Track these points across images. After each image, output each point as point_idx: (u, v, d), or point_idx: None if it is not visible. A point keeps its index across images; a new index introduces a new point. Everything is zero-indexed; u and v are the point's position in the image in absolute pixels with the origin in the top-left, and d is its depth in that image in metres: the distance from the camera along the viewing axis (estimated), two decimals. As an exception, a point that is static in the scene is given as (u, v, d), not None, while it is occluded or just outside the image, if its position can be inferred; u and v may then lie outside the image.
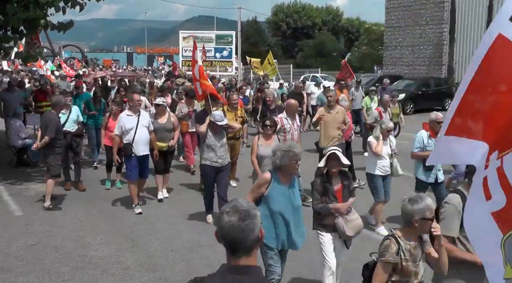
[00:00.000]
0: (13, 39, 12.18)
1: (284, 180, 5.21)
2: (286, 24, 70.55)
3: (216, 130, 8.30)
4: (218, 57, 33.92)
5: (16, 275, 6.47)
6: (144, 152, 9.15)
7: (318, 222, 5.75)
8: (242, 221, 2.36)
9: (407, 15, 38.58)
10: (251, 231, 2.37)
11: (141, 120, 9.10)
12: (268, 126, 8.13)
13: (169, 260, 7.02)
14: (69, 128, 10.45)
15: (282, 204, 5.16)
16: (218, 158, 8.28)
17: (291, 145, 5.22)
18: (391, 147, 8.46)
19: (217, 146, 8.28)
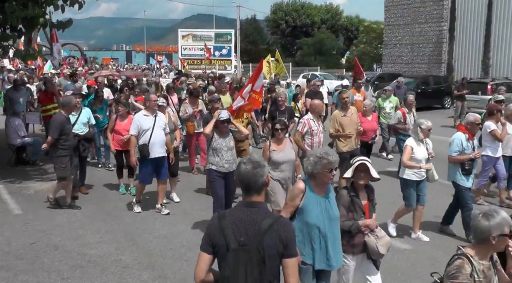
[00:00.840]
0: (11, 37, 12.16)
1: (318, 189, 4.66)
2: (285, 22, 70.52)
3: (222, 132, 7.76)
4: (217, 56, 33.93)
5: (16, 274, 6.47)
6: (161, 153, 8.80)
7: (347, 242, 5.04)
8: (255, 169, 3.37)
9: (407, 13, 38.56)
10: (261, 177, 3.39)
11: (157, 121, 8.82)
12: (279, 129, 7.46)
13: (168, 258, 7.02)
14: (78, 130, 9.89)
15: (318, 216, 4.60)
16: (225, 162, 7.69)
17: (327, 151, 4.61)
18: (428, 149, 7.82)
19: (223, 150, 7.70)
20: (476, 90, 22.12)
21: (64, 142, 8.85)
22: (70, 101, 9.28)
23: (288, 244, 3.29)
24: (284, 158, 7.29)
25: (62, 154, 8.87)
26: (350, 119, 9.53)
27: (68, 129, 9.01)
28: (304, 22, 70.59)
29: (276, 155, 7.31)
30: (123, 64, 65.19)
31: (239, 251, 3.24)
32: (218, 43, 34.26)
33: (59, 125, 8.81)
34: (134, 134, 8.73)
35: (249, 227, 3.28)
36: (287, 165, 7.34)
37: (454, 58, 33.90)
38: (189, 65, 33.95)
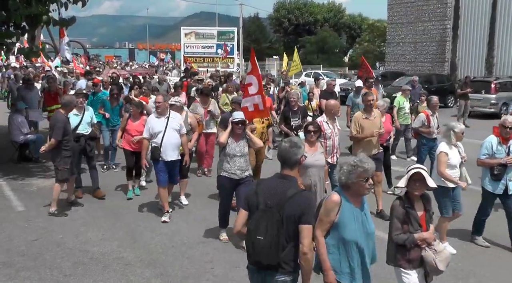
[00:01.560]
0: (15, 35, 12.18)
1: (354, 201, 4.23)
2: (288, 20, 70.44)
3: (237, 135, 7.28)
4: (219, 53, 33.85)
5: (18, 270, 6.48)
6: (173, 157, 8.46)
7: (401, 257, 4.72)
8: (291, 147, 4.19)
9: (410, 11, 38.50)
10: (294, 155, 4.19)
11: (170, 123, 8.44)
12: (311, 132, 7.10)
13: (170, 256, 7.03)
14: (83, 130, 9.62)
15: (356, 230, 4.19)
16: (237, 169, 7.24)
17: (362, 159, 4.18)
18: (460, 153, 7.35)
19: (237, 156, 7.23)
20: (479, 89, 22.08)
21: (67, 143, 8.66)
22: (72, 101, 9.03)
23: (304, 213, 3.97)
24: (313, 162, 6.94)
25: (66, 155, 8.65)
26: (372, 122, 8.91)
27: (69, 130, 8.83)
28: (306, 20, 70.50)
29: (308, 159, 6.49)
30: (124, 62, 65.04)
31: (265, 211, 4.03)
32: (221, 41, 34.17)
33: (62, 126, 8.56)
34: (146, 137, 8.50)
35: (277, 194, 4.06)
36: (316, 170, 7.04)
37: (457, 56, 33.83)
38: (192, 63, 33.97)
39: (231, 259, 6.93)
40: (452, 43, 33.94)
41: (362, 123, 8.89)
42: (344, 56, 72.11)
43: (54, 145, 8.55)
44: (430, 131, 10.49)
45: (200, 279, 6.33)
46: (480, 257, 7.26)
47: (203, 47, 34.18)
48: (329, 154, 8.16)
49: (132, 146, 9.67)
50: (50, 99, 13.38)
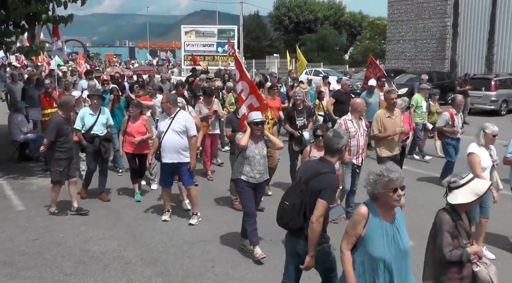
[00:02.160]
0: (14, 33, 12.17)
1: (384, 214, 3.92)
2: (288, 18, 70.41)
3: (256, 137, 6.87)
4: (220, 52, 33.84)
5: (19, 270, 6.49)
6: (172, 159, 8.03)
7: (453, 275, 4.25)
8: (334, 137, 4.76)
9: (410, 9, 38.42)
10: (336, 144, 4.74)
11: (173, 124, 8.03)
12: (320, 136, 6.92)
13: (171, 255, 7.03)
14: (98, 131, 9.38)
15: (385, 247, 3.88)
16: (257, 172, 6.85)
17: (388, 167, 3.86)
18: (492, 156, 6.91)
19: (256, 158, 6.82)
20: (479, 86, 22.06)
21: (62, 144, 8.44)
22: (69, 101, 8.85)
23: (323, 189, 4.53)
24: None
25: (60, 157, 8.45)
26: (394, 121, 8.78)
27: (66, 131, 8.55)
28: (307, 18, 70.46)
29: None
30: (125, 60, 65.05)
31: (297, 183, 4.80)
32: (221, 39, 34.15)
33: (55, 126, 8.38)
34: (157, 136, 8.38)
35: (309, 171, 4.74)
36: None
37: (457, 54, 33.80)
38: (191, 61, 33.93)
39: (232, 258, 6.93)
40: (452, 41, 33.90)
41: (385, 122, 8.73)
42: (344, 54, 72.06)
43: (47, 146, 8.48)
44: (454, 131, 10.31)
45: (201, 277, 6.33)
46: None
47: (203, 45, 34.16)
48: (354, 155, 8.00)
49: (134, 149, 9.47)
50: (46, 102, 12.72)
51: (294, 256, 4.94)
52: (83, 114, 9.43)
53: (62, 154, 8.45)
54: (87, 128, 9.32)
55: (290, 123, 9.99)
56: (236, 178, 6.94)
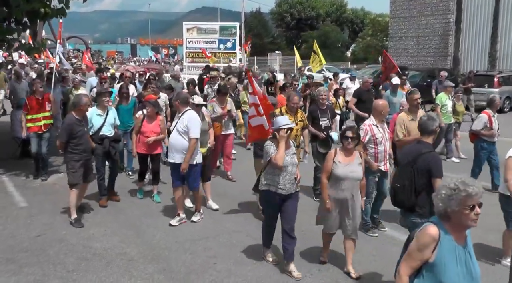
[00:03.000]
0: (16, 31, 12.17)
1: (456, 235, 3.40)
2: (290, 15, 70.27)
3: (286, 146, 6.29)
4: (222, 49, 33.76)
5: (21, 266, 6.49)
6: (176, 160, 7.89)
7: None
8: (428, 120, 5.72)
9: (412, 5, 38.38)
10: (431, 126, 5.69)
11: (178, 123, 7.90)
12: (349, 138, 6.28)
13: (173, 251, 7.02)
14: (107, 132, 9.04)
15: (459, 274, 3.36)
16: (287, 182, 6.23)
17: (464, 181, 3.32)
18: None
19: (287, 168, 6.22)
20: (482, 83, 22.02)
21: (75, 146, 8.07)
22: (80, 100, 8.24)
23: (431, 168, 5.36)
24: (347, 174, 6.20)
25: (74, 158, 8.10)
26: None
27: (79, 132, 8.11)
28: (309, 15, 70.32)
29: (340, 169, 6.21)
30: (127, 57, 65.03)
31: (403, 166, 5.60)
32: (223, 36, 34.07)
33: (68, 127, 8.05)
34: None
35: (413, 154, 5.54)
36: (350, 183, 6.22)
37: (460, 50, 33.72)
38: (193, 58, 33.88)
39: (235, 254, 6.93)
40: (455, 37, 33.81)
41: (409, 125, 8.07)
42: (346, 51, 71.95)
43: (59, 147, 8.26)
44: (492, 133, 9.65)
45: (203, 274, 6.33)
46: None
47: (205, 42, 34.07)
48: (381, 161, 7.60)
49: (147, 149, 9.17)
50: (37, 106, 10.69)
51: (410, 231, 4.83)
52: (90, 115, 8.92)
53: (75, 155, 8.10)
54: (95, 129, 8.93)
55: (313, 124, 9.47)
56: (263, 189, 6.35)
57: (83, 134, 8.20)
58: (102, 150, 8.95)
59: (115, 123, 9.32)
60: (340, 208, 6.28)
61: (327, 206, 6.24)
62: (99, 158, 9.03)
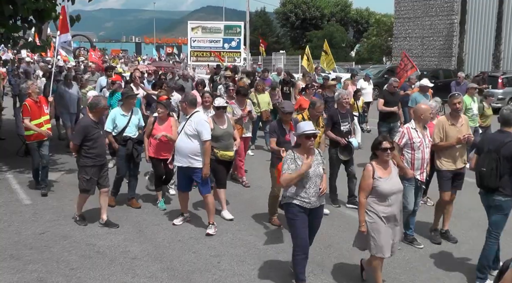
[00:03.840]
0: (22, 29, 12.21)
1: None
2: (294, 15, 70.23)
3: (310, 154, 5.77)
4: (226, 48, 33.76)
5: (25, 263, 6.52)
6: (182, 163, 7.61)
7: None
8: (511, 112, 6.08)
9: (417, 6, 38.36)
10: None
11: (186, 126, 7.59)
12: (387, 149, 5.67)
13: (177, 250, 7.04)
14: (130, 133, 8.72)
15: None
16: (312, 195, 5.69)
17: None
18: None
19: (312, 179, 5.69)
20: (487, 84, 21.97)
21: (88, 149, 7.66)
22: (99, 103, 7.88)
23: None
24: (393, 188, 5.68)
25: (87, 163, 7.71)
26: (459, 130, 7.41)
27: (94, 135, 7.70)
28: (313, 14, 70.26)
29: (384, 184, 5.64)
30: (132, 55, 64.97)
31: (487, 152, 6.04)
32: (228, 35, 34.06)
33: (82, 130, 7.66)
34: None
35: (497, 142, 5.99)
36: (396, 197, 5.71)
37: (464, 51, 33.71)
38: (198, 57, 33.90)
39: (238, 253, 6.95)
40: (459, 38, 33.81)
41: (448, 130, 7.45)
42: (351, 51, 71.87)
43: (73, 149, 7.85)
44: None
45: (206, 273, 6.35)
46: None
47: (210, 41, 34.07)
48: (417, 170, 7.13)
49: (161, 154, 8.65)
50: (36, 109, 9.51)
51: (490, 209, 6.11)
52: (114, 115, 8.71)
53: (88, 160, 7.71)
54: (119, 130, 8.65)
55: (333, 129, 8.92)
56: (288, 202, 5.77)
57: (98, 137, 7.81)
58: (125, 152, 8.69)
59: (139, 124, 8.97)
60: (390, 225, 5.70)
61: (363, 230, 5.65)
62: (122, 159, 8.79)
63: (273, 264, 6.64)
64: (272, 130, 7.82)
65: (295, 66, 40.61)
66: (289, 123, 7.73)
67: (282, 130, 7.74)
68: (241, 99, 10.25)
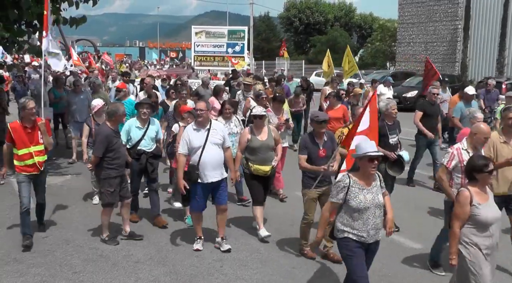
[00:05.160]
0: (26, 33, 12.28)
1: None
2: (298, 19, 70.30)
3: (369, 179, 4.98)
4: (230, 53, 33.87)
5: (28, 267, 6.54)
6: (215, 177, 6.92)
7: None
8: None
9: (421, 11, 38.37)
10: None
11: (211, 136, 6.91)
12: (489, 171, 4.91)
13: (180, 254, 7.05)
14: (145, 147, 8.14)
15: None
16: (371, 228, 4.90)
17: None
18: None
19: (370, 210, 4.88)
20: (490, 90, 21.94)
21: (111, 160, 7.22)
22: (117, 110, 7.36)
23: None
24: (496, 215, 4.94)
25: (110, 175, 7.24)
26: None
27: (116, 145, 7.27)
28: (317, 19, 70.34)
29: (486, 212, 4.86)
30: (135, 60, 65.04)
31: None
32: (231, 40, 34.19)
33: (104, 140, 7.15)
34: (183, 153, 6.93)
35: None
36: (497, 225, 4.94)
37: (468, 57, 33.69)
38: (201, 61, 34.01)
39: (240, 258, 6.95)
40: (463, 44, 33.81)
41: (500, 149, 6.59)
42: (354, 56, 71.88)
43: (95, 162, 7.32)
44: None
45: (209, 277, 6.35)
46: None
47: (213, 46, 34.19)
48: None
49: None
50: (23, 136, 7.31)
51: None
52: (129, 127, 8.11)
53: (112, 171, 7.25)
54: (133, 143, 8.06)
55: (380, 142, 7.38)
56: (343, 236, 4.99)
57: (119, 147, 7.39)
58: (139, 166, 8.14)
59: (157, 137, 8.36)
60: (490, 260, 4.91)
61: (453, 263, 4.92)
62: (134, 173, 8.25)
63: (276, 268, 6.63)
64: (303, 146, 6.84)
65: (298, 71, 40.67)
66: (322, 136, 6.83)
67: (314, 144, 6.80)
68: (277, 106, 9.56)
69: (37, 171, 7.47)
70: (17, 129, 7.24)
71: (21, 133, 7.23)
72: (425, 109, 10.59)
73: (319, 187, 6.69)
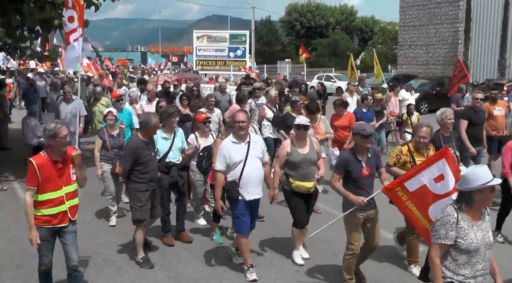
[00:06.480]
0: (29, 39, 12.32)
1: None
2: (300, 23, 70.48)
3: (478, 213, 4.06)
4: (231, 57, 33.91)
5: (32, 272, 6.52)
6: (257, 194, 6.31)
7: None
8: None
9: (422, 14, 38.45)
10: None
11: (252, 149, 6.31)
12: None
13: (183, 258, 7.06)
14: (174, 159, 7.51)
15: None
16: (479, 274, 4.01)
17: None
18: None
19: (480, 251, 3.97)
20: (492, 92, 21.96)
21: (140, 174, 6.71)
22: (149, 121, 6.78)
23: None
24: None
25: (140, 189, 6.73)
26: None
27: (146, 157, 6.72)
28: (318, 23, 70.49)
29: None
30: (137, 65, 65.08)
31: None
32: (233, 44, 34.24)
33: (133, 152, 6.69)
34: (221, 169, 6.30)
35: None
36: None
37: (469, 59, 33.73)
38: (203, 66, 34.05)
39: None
40: (464, 46, 33.85)
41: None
42: (356, 59, 71.98)
43: (124, 175, 6.93)
44: None
45: (212, 281, 6.36)
46: None
47: (215, 50, 34.24)
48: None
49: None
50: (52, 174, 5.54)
51: None
52: (155, 138, 7.28)
53: (141, 185, 6.73)
54: (161, 156, 7.39)
55: None
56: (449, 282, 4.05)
57: (150, 160, 6.81)
58: (169, 181, 7.48)
59: (182, 147, 7.78)
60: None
61: None
62: (165, 190, 7.49)
63: (279, 272, 6.64)
64: (341, 165, 5.84)
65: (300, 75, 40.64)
66: (366, 152, 5.84)
67: (357, 161, 5.78)
68: (311, 116, 8.54)
69: (67, 222, 5.66)
70: (44, 165, 5.42)
71: (51, 171, 5.45)
72: (470, 117, 9.64)
73: (364, 211, 5.76)
